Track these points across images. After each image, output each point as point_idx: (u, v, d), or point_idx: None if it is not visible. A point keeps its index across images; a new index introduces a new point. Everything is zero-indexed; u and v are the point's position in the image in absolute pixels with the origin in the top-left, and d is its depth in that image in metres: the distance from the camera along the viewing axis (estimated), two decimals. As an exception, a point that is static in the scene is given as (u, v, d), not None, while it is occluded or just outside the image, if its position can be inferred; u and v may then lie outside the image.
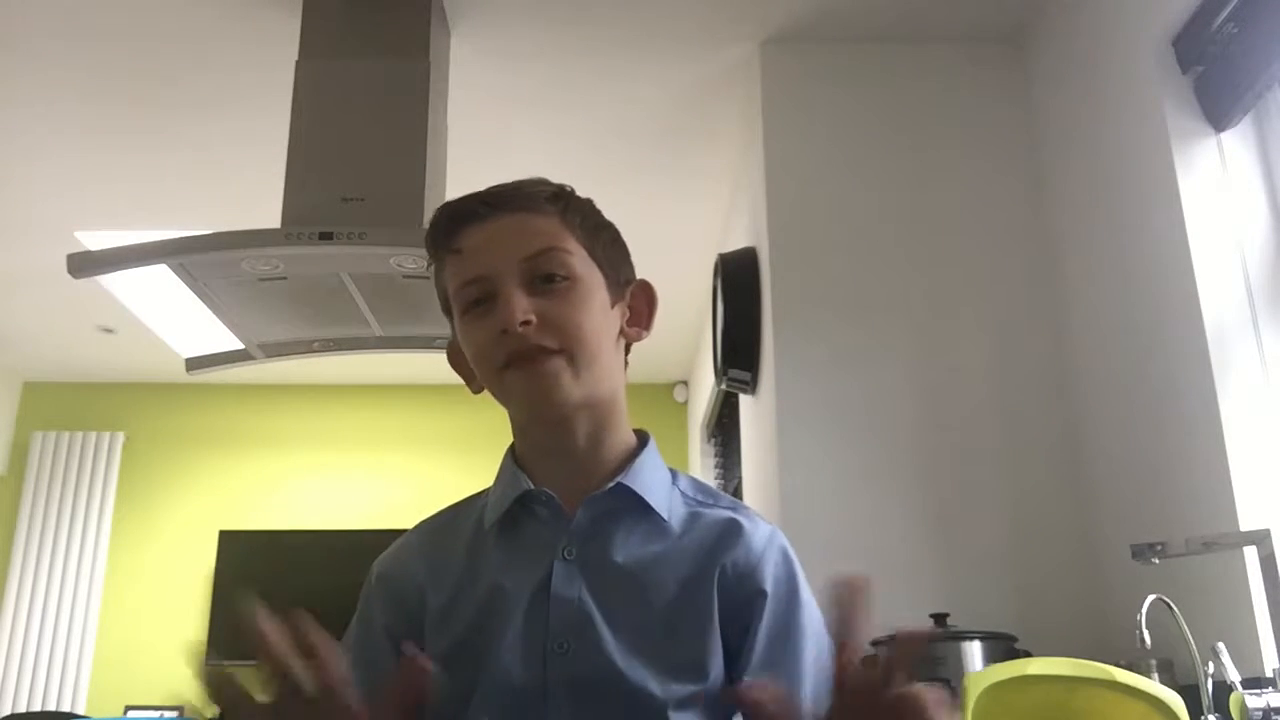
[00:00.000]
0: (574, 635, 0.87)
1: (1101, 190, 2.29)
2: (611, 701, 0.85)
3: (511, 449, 0.99)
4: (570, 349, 0.89)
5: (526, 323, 0.88)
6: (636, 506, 0.93)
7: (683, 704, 0.86)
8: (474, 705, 0.87)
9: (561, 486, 0.93)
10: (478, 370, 0.94)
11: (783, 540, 0.96)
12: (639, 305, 1.00)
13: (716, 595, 0.89)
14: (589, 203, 0.98)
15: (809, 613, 0.93)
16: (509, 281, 0.89)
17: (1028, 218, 2.57)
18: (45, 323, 4.55)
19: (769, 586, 0.91)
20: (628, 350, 0.99)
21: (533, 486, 0.93)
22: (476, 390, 0.97)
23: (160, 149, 3.17)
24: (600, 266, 0.95)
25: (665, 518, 0.93)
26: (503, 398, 0.93)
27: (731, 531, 0.93)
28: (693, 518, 0.95)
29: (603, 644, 0.86)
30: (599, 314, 0.93)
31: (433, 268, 0.98)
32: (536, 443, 0.96)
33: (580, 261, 0.93)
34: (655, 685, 0.85)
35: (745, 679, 0.87)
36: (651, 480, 0.94)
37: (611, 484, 0.92)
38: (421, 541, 0.99)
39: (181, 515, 5.13)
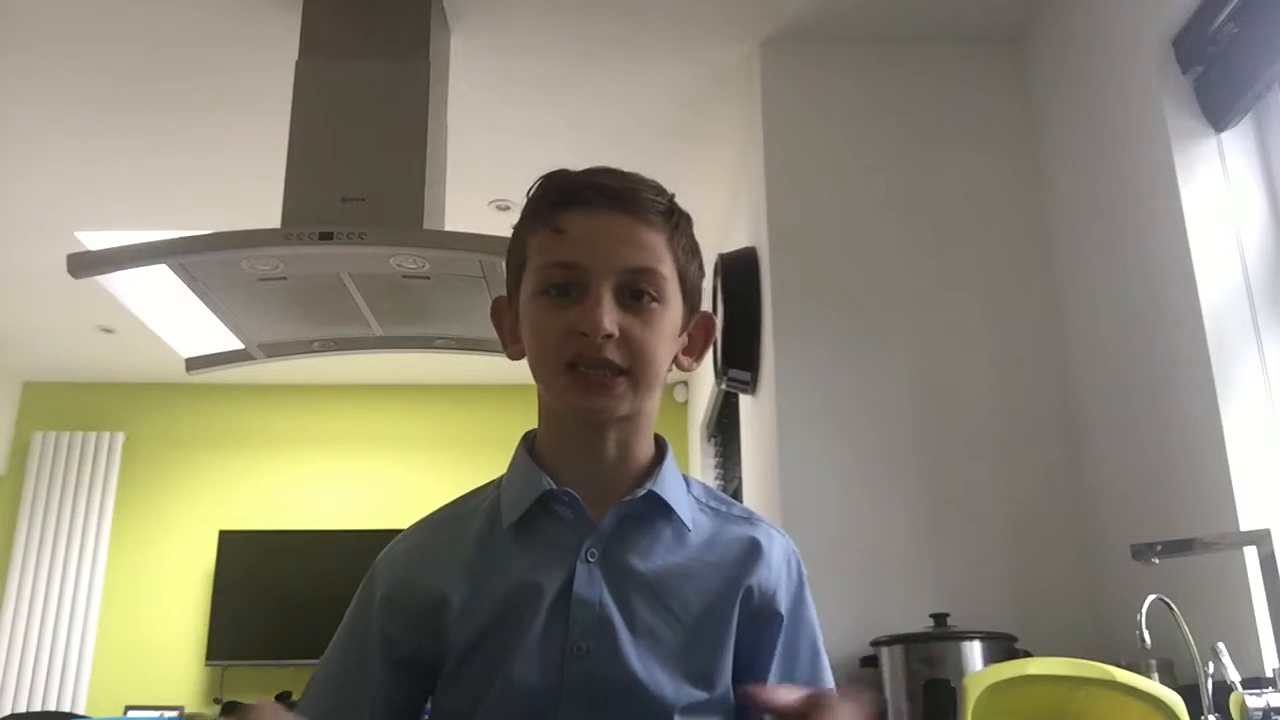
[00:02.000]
0: (593, 637, 0.87)
1: (1102, 190, 2.29)
2: (626, 706, 0.86)
3: (525, 442, 0.98)
4: (636, 372, 0.89)
5: (609, 335, 0.87)
6: (662, 514, 0.93)
7: (695, 710, 0.87)
8: (488, 703, 0.87)
9: (583, 487, 0.92)
10: (536, 355, 0.92)
11: (795, 552, 0.98)
12: (697, 336, 0.99)
13: (737, 614, 0.91)
14: (690, 223, 0.97)
15: (810, 624, 0.96)
16: (603, 284, 0.88)
17: (1028, 218, 2.57)
18: (45, 323, 4.54)
19: (784, 609, 0.94)
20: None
21: (554, 486, 0.92)
22: (514, 356, 0.97)
23: (160, 149, 3.17)
24: (684, 295, 0.95)
25: (689, 527, 0.93)
26: (549, 389, 0.92)
27: (754, 553, 0.94)
28: (712, 531, 0.95)
29: (621, 648, 0.86)
30: (668, 341, 0.93)
31: (517, 225, 0.96)
32: (564, 440, 0.95)
33: (671, 286, 0.92)
34: (670, 691, 0.86)
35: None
36: (675, 488, 0.95)
37: (643, 491, 0.92)
38: (427, 543, 0.97)
39: (181, 515, 5.13)
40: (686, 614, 0.89)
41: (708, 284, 3.11)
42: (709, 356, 3.16)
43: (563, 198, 0.92)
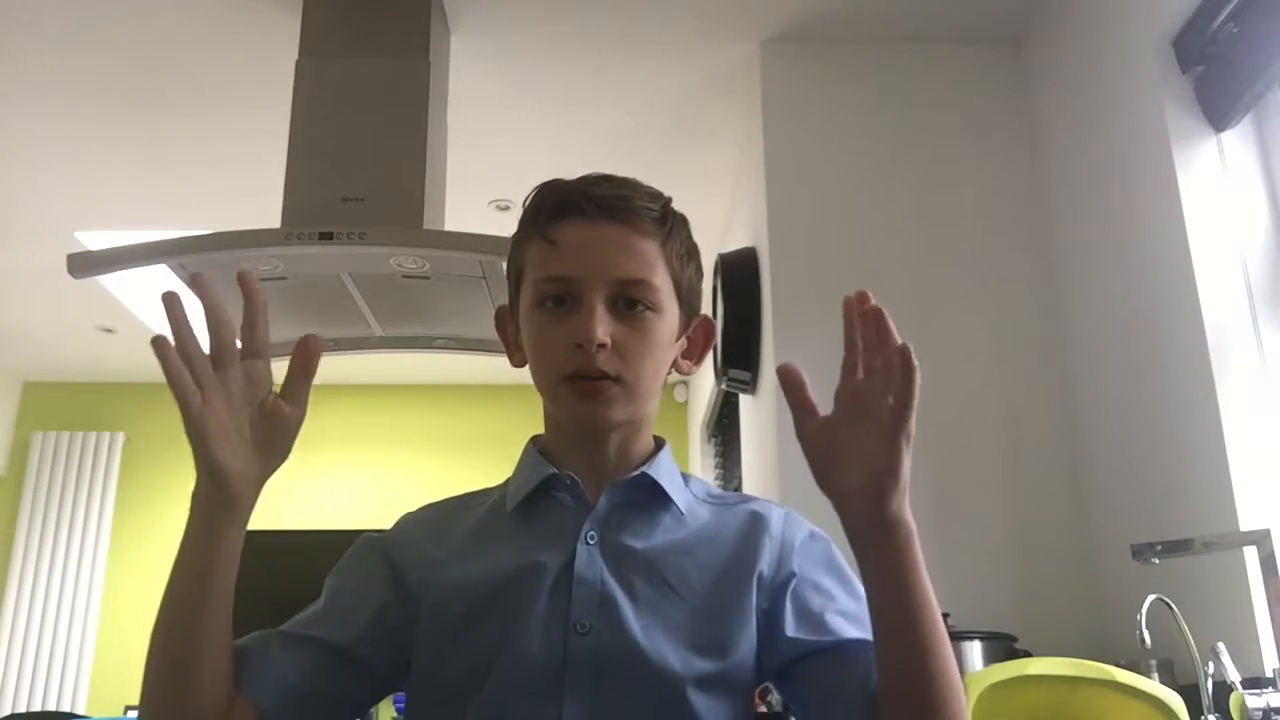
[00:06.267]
0: (596, 615, 0.88)
1: (1102, 190, 2.29)
2: (632, 679, 0.86)
3: (533, 441, 1.01)
4: (630, 380, 0.92)
5: (602, 345, 0.89)
6: (656, 497, 0.95)
7: (702, 682, 0.87)
8: (491, 684, 0.87)
9: (585, 478, 0.95)
10: (537, 365, 0.95)
11: (794, 517, 1.01)
12: (696, 340, 1.02)
13: (754, 594, 0.92)
14: (686, 226, 0.99)
15: (839, 558, 0.98)
16: (596, 295, 0.91)
17: (1028, 217, 2.57)
18: (45, 323, 4.55)
19: (796, 566, 0.95)
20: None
21: (557, 470, 0.95)
22: (517, 364, 0.99)
23: (160, 149, 3.17)
24: (680, 301, 0.97)
25: (683, 510, 0.96)
26: (551, 400, 0.95)
27: (756, 523, 0.97)
28: (712, 517, 0.98)
29: (625, 623, 0.88)
30: (664, 349, 0.95)
31: (515, 235, 0.99)
32: (568, 443, 0.98)
33: (665, 296, 0.94)
34: (676, 663, 0.87)
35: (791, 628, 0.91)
36: (669, 475, 0.98)
37: (635, 473, 0.95)
38: (434, 519, 1.00)
39: (181, 515, 5.02)
40: (686, 588, 0.91)
41: (707, 284, 3.12)
42: (709, 357, 3.18)
43: (556, 209, 0.94)
